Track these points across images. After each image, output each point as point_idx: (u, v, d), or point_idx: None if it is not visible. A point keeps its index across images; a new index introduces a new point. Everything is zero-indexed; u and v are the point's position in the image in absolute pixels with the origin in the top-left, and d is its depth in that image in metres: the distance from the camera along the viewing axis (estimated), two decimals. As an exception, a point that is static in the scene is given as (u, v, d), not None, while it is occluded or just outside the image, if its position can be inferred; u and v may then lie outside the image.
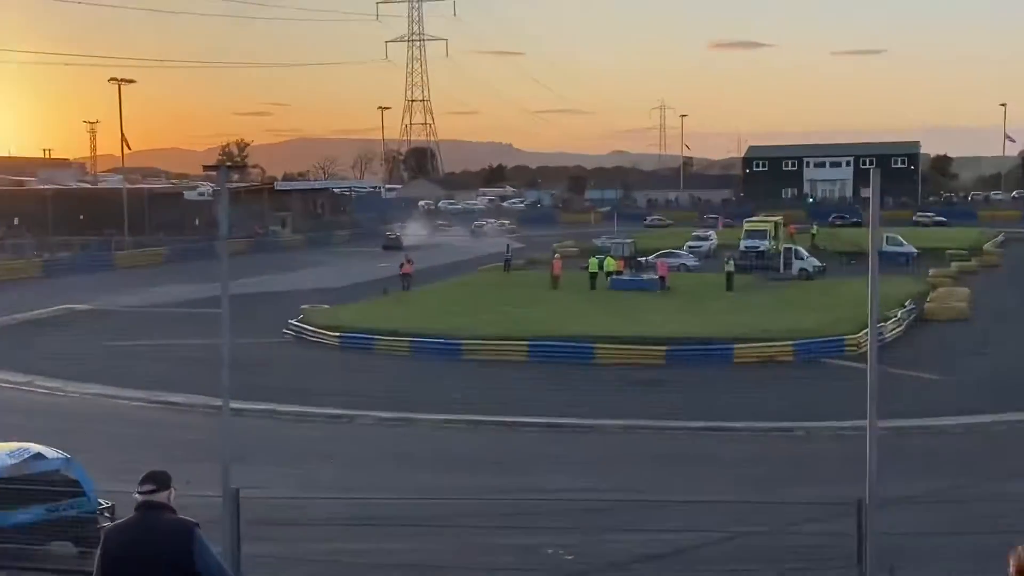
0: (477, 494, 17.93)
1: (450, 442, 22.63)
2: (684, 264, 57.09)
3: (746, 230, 60.09)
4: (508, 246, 63.19)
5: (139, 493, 5.69)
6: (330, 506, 16.95)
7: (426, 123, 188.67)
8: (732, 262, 49.98)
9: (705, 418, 23.73)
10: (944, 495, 17.52)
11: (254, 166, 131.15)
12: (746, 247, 57.06)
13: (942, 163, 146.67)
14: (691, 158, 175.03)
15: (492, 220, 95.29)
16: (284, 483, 18.13)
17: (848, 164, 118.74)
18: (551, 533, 14.59)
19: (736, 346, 31.70)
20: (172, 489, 5.74)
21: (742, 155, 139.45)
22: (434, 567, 11.93)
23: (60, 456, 15.02)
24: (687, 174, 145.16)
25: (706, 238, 69.63)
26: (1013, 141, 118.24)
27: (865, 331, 26.02)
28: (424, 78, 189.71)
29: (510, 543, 14.50)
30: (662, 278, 48.21)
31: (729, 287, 47.05)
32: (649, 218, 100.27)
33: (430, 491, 18.36)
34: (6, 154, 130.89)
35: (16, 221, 68.70)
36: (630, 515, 15.77)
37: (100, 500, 14.50)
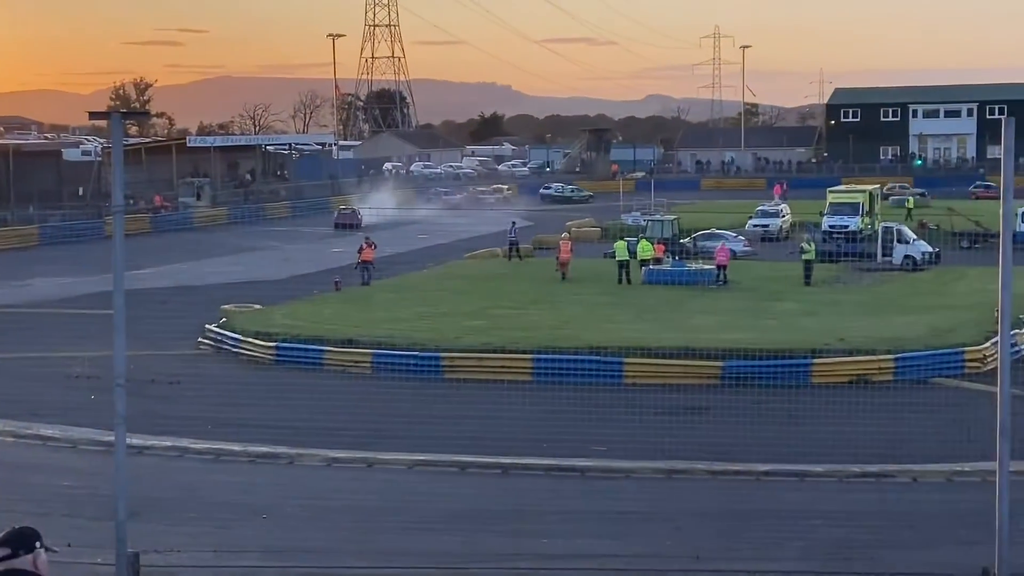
0: (460, 562, 17.97)
1: (426, 491, 22.63)
2: (732, 249, 56.95)
3: (831, 203, 60.21)
4: (513, 224, 62.49)
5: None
6: (252, 560, 17.02)
7: (393, 56, 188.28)
8: (812, 246, 49.84)
9: (773, 459, 23.73)
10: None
11: (159, 114, 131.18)
12: (831, 226, 57.15)
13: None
14: (756, 106, 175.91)
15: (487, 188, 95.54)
16: (197, 545, 18.15)
17: (970, 114, 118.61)
18: None
19: (815, 360, 31.78)
20: (39, 550, 5.77)
21: (825, 102, 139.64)
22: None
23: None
24: (750, 127, 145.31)
25: (775, 214, 69.44)
26: None
27: (994, 341, 26.05)
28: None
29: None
30: (721, 267, 48.18)
31: (808, 280, 47.27)
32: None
33: (395, 558, 18.41)
34: None
35: None
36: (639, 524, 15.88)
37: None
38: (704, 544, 18.76)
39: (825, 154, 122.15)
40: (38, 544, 5.79)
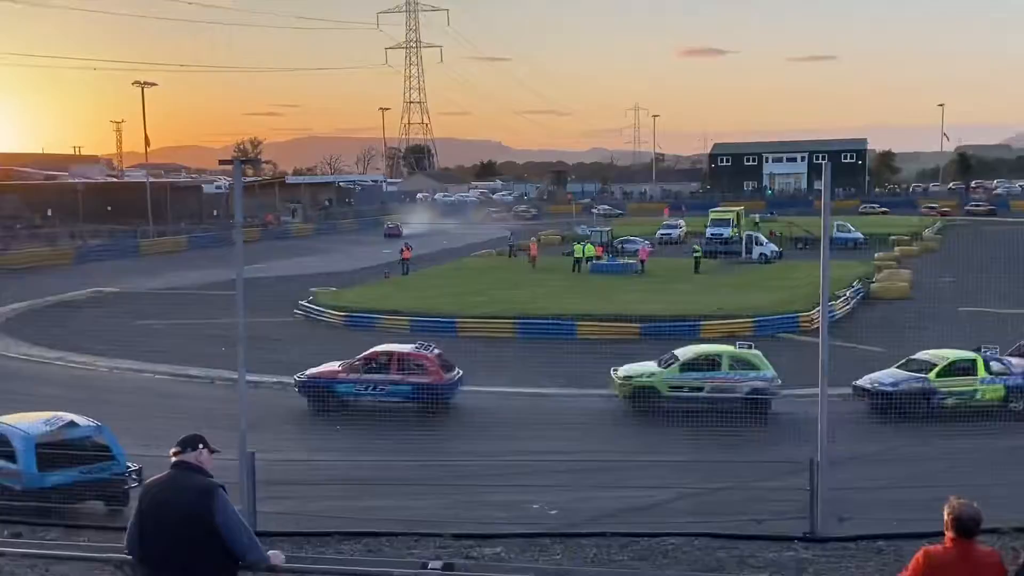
0: (471, 457, 17.98)
1: (461, 407, 22.61)
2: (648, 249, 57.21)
3: (711, 219, 60.14)
4: (511, 233, 63.44)
5: (173, 454, 5.73)
6: (338, 468, 16.98)
7: (423, 123, 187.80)
8: (700, 248, 50.26)
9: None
10: (891, 454, 17.63)
11: (267, 162, 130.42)
12: (711, 234, 57.13)
13: (887, 158, 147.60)
14: (662, 154, 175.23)
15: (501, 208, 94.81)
16: (294, 448, 18.13)
17: (803, 159, 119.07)
18: (537, 491, 14.65)
19: (703, 323, 31.76)
20: (202, 450, 5.76)
21: (708, 152, 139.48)
22: (429, 522, 11.94)
23: (92, 424, 15.04)
24: (659, 169, 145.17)
25: (675, 226, 69.70)
26: (948, 139, 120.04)
27: (817, 309, 26.11)
28: (421, 82, 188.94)
29: (501, 500, 14.56)
30: (642, 261, 48.68)
31: (697, 270, 47.26)
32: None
33: (429, 454, 18.42)
34: (39, 151, 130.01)
35: (49, 212, 68.29)
36: (609, 475, 15.85)
37: (128, 463, 14.53)
38: (631, 443, 18.76)
39: (708, 186, 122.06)
40: (201, 445, 5.78)
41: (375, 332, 33.26)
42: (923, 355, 22.43)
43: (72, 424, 14.79)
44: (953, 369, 21.65)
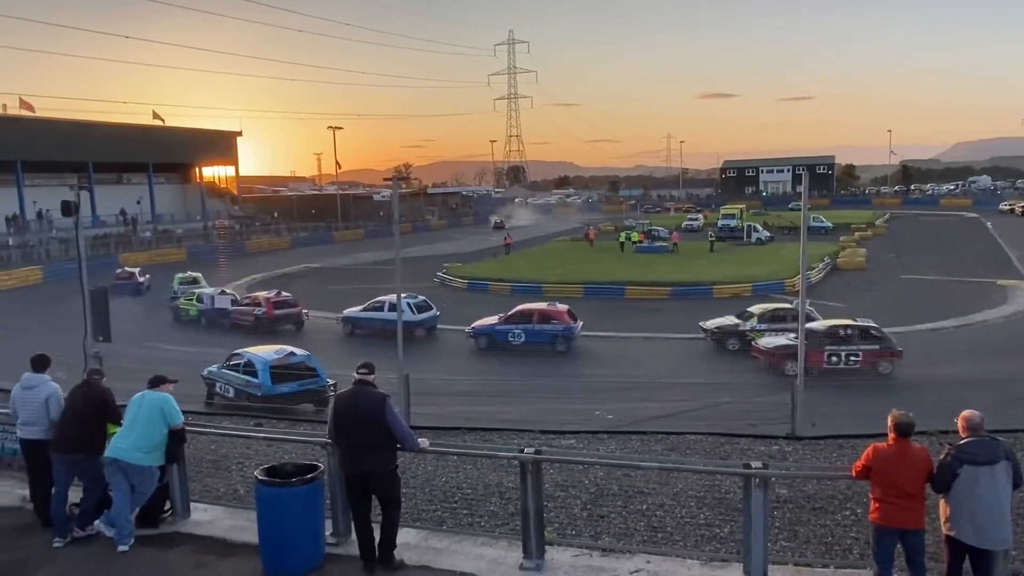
0: (550, 378, 18.03)
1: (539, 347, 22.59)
2: (656, 235, 54.48)
3: (723, 214, 58.56)
4: (586, 225, 62.31)
5: (356, 373, 5.90)
6: (467, 384, 17.25)
7: (519, 149, 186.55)
8: (713, 235, 49.40)
9: (691, 332, 23.29)
10: (850, 379, 17.02)
11: (414, 179, 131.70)
12: (722, 224, 55.75)
13: (849, 169, 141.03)
14: (686, 168, 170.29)
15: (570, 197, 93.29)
16: (437, 371, 18.39)
17: (788, 171, 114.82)
18: (597, 401, 14.63)
19: (715, 286, 31.02)
20: (375, 373, 5.93)
21: (719, 167, 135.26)
22: (522, 421, 12.07)
23: (304, 353, 15.60)
24: (684, 179, 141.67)
25: (696, 219, 67.90)
26: (894, 154, 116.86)
27: (798, 276, 25.24)
28: (517, 121, 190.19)
29: (572, 408, 14.61)
30: (675, 244, 47.52)
31: (712, 250, 46.12)
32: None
33: (521, 376, 18.52)
34: (267, 174, 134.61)
35: (275, 214, 70.63)
36: (646, 391, 15.72)
37: (327, 379, 15.01)
38: (661, 369, 18.51)
39: (719, 191, 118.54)
40: (373, 369, 5.92)
41: (487, 293, 33.50)
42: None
43: (292, 354, 15.35)
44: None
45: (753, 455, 9.52)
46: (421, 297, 24.33)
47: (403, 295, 24.27)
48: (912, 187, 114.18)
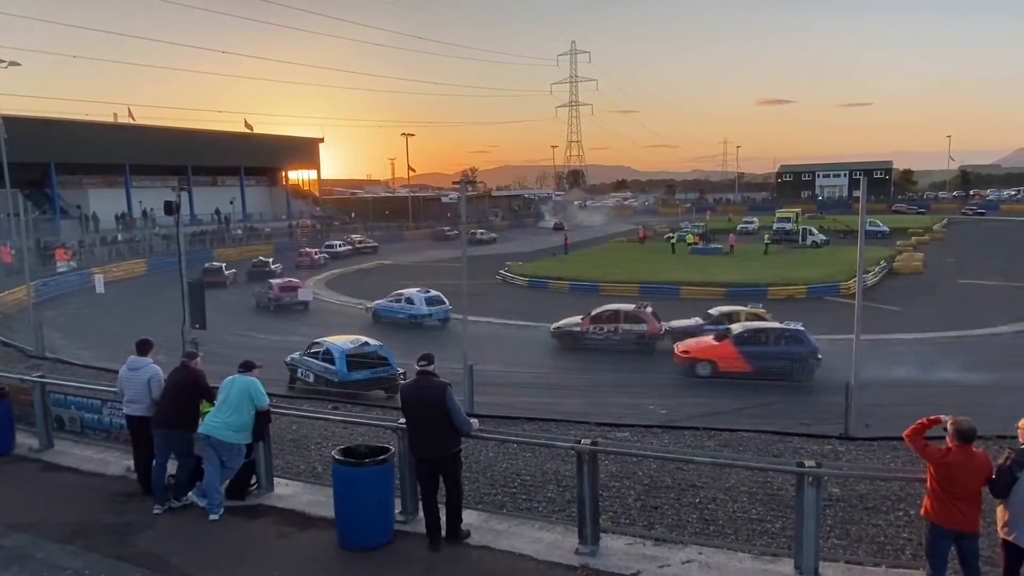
0: (605, 373, 17.82)
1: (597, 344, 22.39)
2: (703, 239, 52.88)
3: (778, 217, 56.83)
4: (641, 227, 61.48)
5: (418, 365, 5.98)
6: (526, 376, 17.24)
7: (579, 154, 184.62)
8: (768, 237, 48.06)
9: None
10: (908, 382, 16.25)
11: (480, 182, 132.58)
12: (777, 227, 54.16)
13: (907, 174, 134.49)
14: (743, 173, 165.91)
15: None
16: (500, 362, 18.30)
17: (844, 175, 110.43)
18: (653, 395, 14.41)
19: (769, 288, 30.11)
20: (434, 364, 6.00)
21: (775, 171, 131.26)
22: (579, 414, 11.99)
23: (377, 343, 15.87)
24: (740, 183, 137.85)
25: (751, 222, 66.04)
26: (953, 160, 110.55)
27: (853, 279, 24.28)
28: (578, 128, 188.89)
29: (626, 402, 14.45)
30: (731, 246, 46.43)
31: (767, 252, 44.80)
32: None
33: (581, 370, 18.38)
34: (345, 177, 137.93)
35: (352, 215, 72.31)
36: (702, 388, 15.40)
37: (398, 368, 15.26)
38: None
39: (775, 194, 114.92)
40: (434, 363, 5.99)
41: (547, 291, 33.44)
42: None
43: (366, 343, 15.64)
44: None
45: (806, 454, 9.21)
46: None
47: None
48: (972, 192, 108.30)
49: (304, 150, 71.96)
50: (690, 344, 17.61)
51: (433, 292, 24.77)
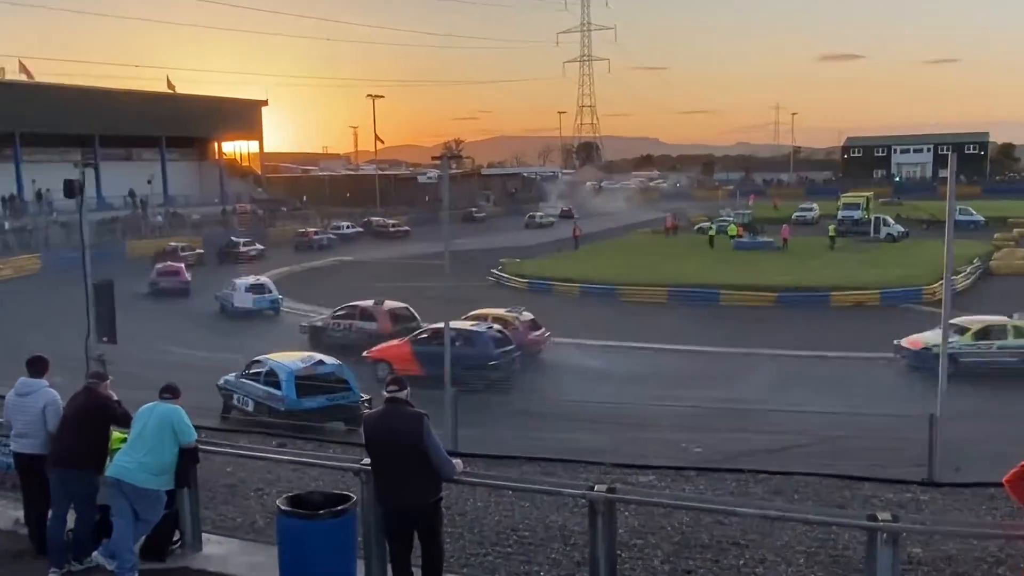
0: (629, 402, 17.88)
1: (608, 362, 22.56)
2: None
3: (843, 203, 57.19)
4: (670, 214, 61.63)
5: (386, 390, 5.98)
6: (522, 404, 17.28)
7: (592, 123, 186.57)
8: (834, 228, 48.22)
9: (807, 348, 22.75)
10: (1009, 415, 16.32)
11: (467, 157, 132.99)
12: (843, 216, 54.51)
13: (1008, 149, 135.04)
14: (799, 147, 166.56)
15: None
16: (495, 384, 18.34)
17: (928, 150, 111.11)
18: (686, 431, 14.43)
19: (833, 293, 30.25)
20: (407, 389, 6.00)
21: (841, 144, 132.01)
22: (593, 452, 12.00)
23: (335, 363, 15.91)
24: (796, 160, 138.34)
25: (810, 209, 66.38)
26: None
27: (940, 282, 24.33)
28: (591, 89, 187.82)
29: (655, 438, 14.44)
30: (785, 240, 46.71)
31: (832, 247, 45.09)
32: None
33: (595, 399, 18.38)
34: (296, 150, 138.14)
35: (304, 198, 72.41)
36: (745, 420, 15.43)
37: (361, 394, 15.28)
38: (764, 394, 18.10)
39: (840, 174, 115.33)
40: (407, 387, 6.02)
41: (551, 295, 33.51)
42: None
43: (321, 362, 15.69)
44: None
45: (879, 504, 9.22)
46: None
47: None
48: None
49: (243, 116, 72.20)
50: (382, 345, 20.25)
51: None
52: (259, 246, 47.46)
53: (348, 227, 56.99)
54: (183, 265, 37.02)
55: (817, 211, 65.46)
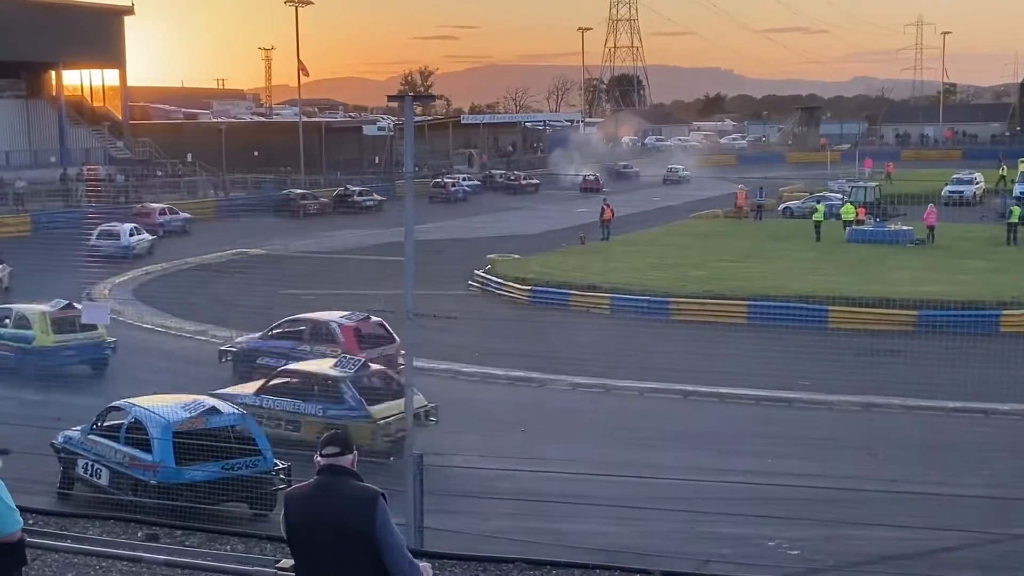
0: (687, 474, 17.88)
1: (656, 414, 22.62)
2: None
3: (1022, 172, 56.95)
4: (761, 189, 61.44)
5: (321, 456, 5.92)
6: (519, 479, 17.26)
7: (632, 46, 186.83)
8: (1019, 208, 46.65)
9: (962, 398, 22.74)
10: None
11: (439, 97, 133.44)
12: (1021, 192, 53.94)
13: None
14: (954, 85, 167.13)
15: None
16: (468, 450, 18.49)
17: None
18: (773, 524, 14.42)
19: (1005, 312, 30.28)
20: (355, 452, 5.96)
21: (1020, 80, 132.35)
22: (638, 554, 11.97)
23: (236, 412, 15.83)
24: (948, 104, 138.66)
25: (970, 181, 65.75)
26: None
27: None
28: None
29: (725, 532, 14.42)
30: (931, 228, 45.81)
31: (1012, 240, 44.70)
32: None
33: (633, 468, 18.42)
34: (179, 85, 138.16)
35: (189, 157, 72.05)
36: (867, 508, 15.43)
37: (276, 460, 15.21)
38: (898, 469, 18.20)
39: (1018, 128, 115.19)
40: (355, 449, 5.99)
41: (567, 311, 33.52)
42: None
43: (214, 411, 15.55)
44: None
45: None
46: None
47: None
48: None
49: (95, 31, 72.17)
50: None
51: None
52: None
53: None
54: None
55: (981, 183, 65.26)
